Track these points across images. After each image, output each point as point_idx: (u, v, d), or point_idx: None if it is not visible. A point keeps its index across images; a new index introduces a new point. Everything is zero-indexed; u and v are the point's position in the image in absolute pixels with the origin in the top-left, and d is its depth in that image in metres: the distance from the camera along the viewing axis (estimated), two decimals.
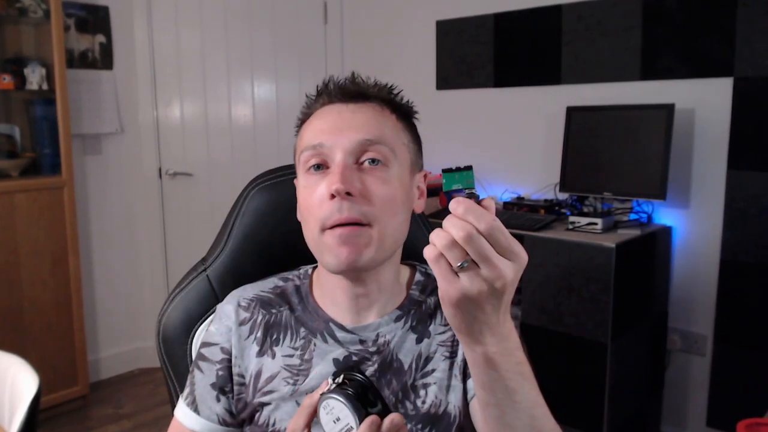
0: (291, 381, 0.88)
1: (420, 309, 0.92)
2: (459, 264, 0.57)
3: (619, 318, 2.15)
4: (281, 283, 0.96)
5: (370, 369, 0.87)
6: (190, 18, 3.25)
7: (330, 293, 0.91)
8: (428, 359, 0.89)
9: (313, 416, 0.70)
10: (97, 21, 3.08)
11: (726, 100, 2.27)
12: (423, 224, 1.10)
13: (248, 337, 0.91)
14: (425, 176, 0.94)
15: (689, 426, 2.48)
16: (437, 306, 0.92)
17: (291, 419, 0.72)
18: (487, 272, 0.57)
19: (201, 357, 0.93)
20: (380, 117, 0.88)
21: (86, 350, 2.89)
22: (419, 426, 0.85)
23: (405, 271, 0.96)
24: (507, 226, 0.57)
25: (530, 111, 2.82)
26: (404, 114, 0.92)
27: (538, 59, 2.76)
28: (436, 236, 0.57)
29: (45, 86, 2.73)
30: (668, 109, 2.28)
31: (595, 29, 2.57)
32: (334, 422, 0.67)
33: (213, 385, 0.91)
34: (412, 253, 0.97)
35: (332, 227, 0.81)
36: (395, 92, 0.92)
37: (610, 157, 2.42)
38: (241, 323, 0.92)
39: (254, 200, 1.10)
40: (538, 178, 2.79)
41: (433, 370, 0.88)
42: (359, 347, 0.88)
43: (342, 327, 0.89)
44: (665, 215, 2.45)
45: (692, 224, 2.41)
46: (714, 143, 2.32)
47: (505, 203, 2.70)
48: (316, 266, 0.96)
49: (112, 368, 3.27)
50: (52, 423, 2.76)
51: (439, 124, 3.10)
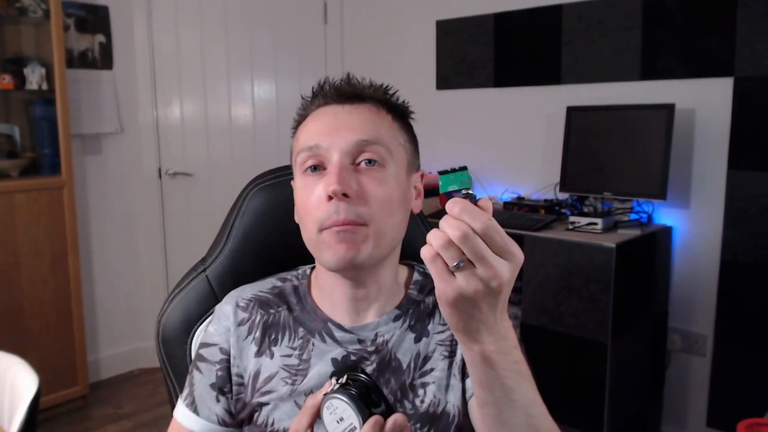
0: (289, 381, 0.88)
1: (418, 308, 0.92)
2: (455, 264, 0.57)
3: (619, 318, 2.15)
4: (279, 284, 0.96)
5: (369, 368, 0.87)
6: (190, 18, 3.25)
7: (328, 293, 0.91)
8: (427, 358, 0.89)
9: (316, 416, 0.70)
10: (97, 21, 3.08)
11: (726, 100, 2.27)
12: (422, 224, 1.09)
13: (247, 338, 0.91)
14: (422, 176, 0.94)
15: (689, 426, 2.48)
16: (436, 305, 0.92)
17: (293, 419, 0.72)
18: (483, 271, 0.57)
19: (200, 357, 0.93)
20: (376, 117, 0.88)
21: (86, 350, 2.89)
22: (418, 425, 0.85)
23: (403, 271, 0.96)
24: (507, 226, 0.58)
25: (530, 111, 2.82)
26: (400, 114, 0.92)
27: (538, 59, 2.76)
28: (433, 236, 0.58)
29: (45, 86, 2.73)
30: (668, 109, 2.28)
31: (596, 29, 2.57)
32: (338, 422, 0.67)
33: (212, 386, 0.91)
34: (411, 253, 0.97)
35: (330, 227, 0.82)
36: (391, 92, 0.92)
37: (611, 157, 2.42)
38: (240, 323, 0.92)
39: (254, 200, 1.10)
40: (538, 178, 2.79)
41: (432, 370, 0.88)
42: (358, 347, 0.88)
43: (340, 327, 0.89)
44: (665, 215, 2.45)
45: (692, 224, 2.41)
46: (714, 143, 2.32)
47: (505, 203, 2.70)
48: (314, 267, 0.96)
49: (112, 368, 3.27)
50: (52, 423, 2.76)
51: (439, 124, 3.10)
